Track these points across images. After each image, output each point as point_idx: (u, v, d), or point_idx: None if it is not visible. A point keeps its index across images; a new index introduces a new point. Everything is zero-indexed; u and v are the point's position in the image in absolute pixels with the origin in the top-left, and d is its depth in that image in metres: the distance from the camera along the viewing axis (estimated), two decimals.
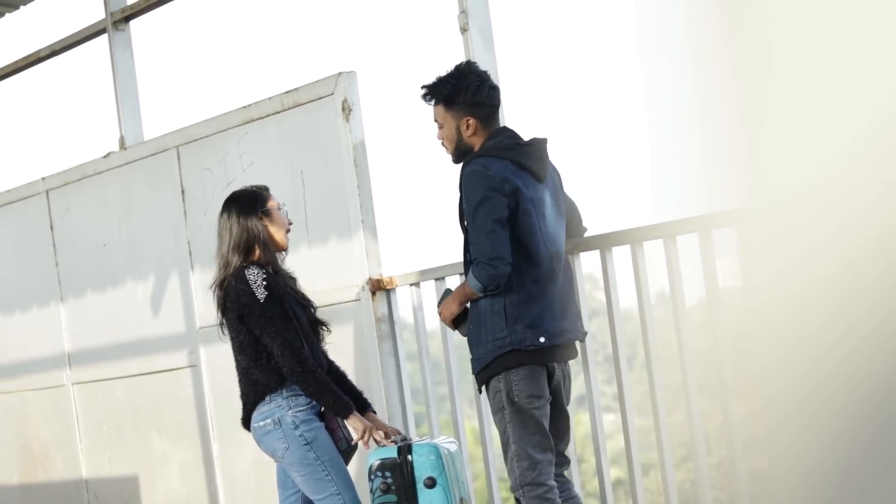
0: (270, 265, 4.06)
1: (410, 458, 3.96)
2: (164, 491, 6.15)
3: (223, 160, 5.57)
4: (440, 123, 3.97)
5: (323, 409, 4.02)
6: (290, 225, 4.18)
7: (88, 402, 6.52)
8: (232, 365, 4.14)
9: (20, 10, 7.22)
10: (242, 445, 5.46)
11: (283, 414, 3.98)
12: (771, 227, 1.20)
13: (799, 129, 1.16)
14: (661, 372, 4.19)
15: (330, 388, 3.96)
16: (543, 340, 3.78)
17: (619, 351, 4.29)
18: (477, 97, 3.89)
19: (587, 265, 4.45)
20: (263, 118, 5.37)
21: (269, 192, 4.18)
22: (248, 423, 4.08)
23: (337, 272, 5.11)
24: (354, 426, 4.01)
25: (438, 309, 4.05)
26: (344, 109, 4.99)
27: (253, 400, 4.03)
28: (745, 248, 1.23)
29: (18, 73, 7.20)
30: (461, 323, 3.97)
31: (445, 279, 4.78)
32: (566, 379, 3.96)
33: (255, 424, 4.03)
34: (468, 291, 3.84)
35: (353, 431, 4.06)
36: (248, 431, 4.12)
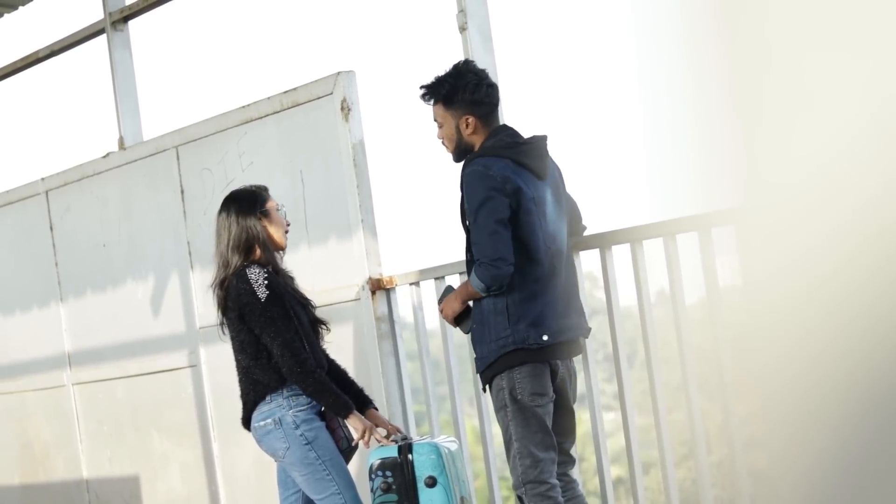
0: (271, 265, 4.06)
1: (411, 457, 3.96)
2: (164, 491, 6.15)
3: (222, 160, 5.56)
4: (440, 123, 3.97)
5: (323, 408, 4.02)
6: (288, 226, 4.18)
7: (89, 402, 6.52)
8: (232, 365, 4.14)
9: (19, 10, 7.22)
10: (243, 445, 5.46)
11: (283, 413, 3.98)
12: (770, 226, 1.20)
13: (796, 127, 1.16)
14: (661, 370, 4.19)
15: (329, 387, 3.96)
16: (546, 338, 3.78)
17: (619, 349, 4.29)
18: (475, 95, 3.89)
19: (587, 264, 4.46)
20: (262, 118, 5.36)
21: (268, 192, 4.18)
22: (248, 422, 4.08)
23: (337, 272, 5.11)
24: (354, 426, 4.01)
25: (440, 306, 4.04)
26: (343, 109, 4.98)
27: (253, 399, 4.03)
28: (744, 246, 1.23)
29: (17, 73, 7.19)
30: (463, 321, 3.97)
31: (445, 278, 4.77)
32: (571, 376, 3.96)
33: (255, 424, 4.03)
34: (471, 291, 3.84)
35: (353, 431, 4.05)
36: (248, 431, 4.12)
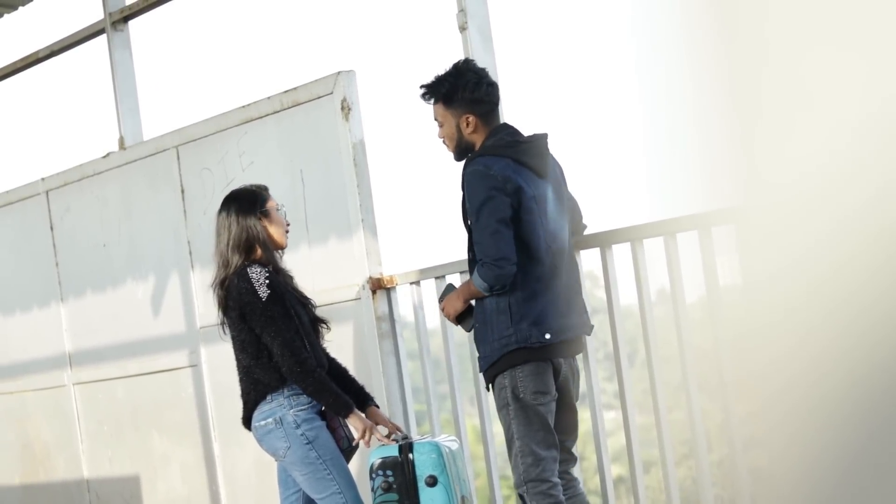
0: (271, 264, 4.06)
1: (412, 456, 3.96)
2: (165, 491, 6.15)
3: (222, 160, 5.56)
4: (440, 122, 3.97)
5: (324, 407, 4.02)
6: (288, 226, 4.18)
7: (89, 402, 6.52)
8: (232, 364, 4.14)
9: (19, 10, 7.22)
10: (243, 445, 5.46)
11: (284, 413, 3.98)
12: (771, 225, 1.20)
13: (795, 127, 1.16)
14: (661, 369, 4.19)
15: (329, 387, 3.96)
16: (549, 337, 3.78)
17: (619, 348, 4.29)
18: (475, 94, 3.89)
19: (587, 263, 4.46)
20: (263, 118, 5.36)
21: (268, 192, 4.18)
22: (248, 422, 4.07)
23: (337, 271, 5.11)
24: (354, 425, 4.01)
25: (441, 304, 4.04)
26: (343, 108, 4.98)
27: (254, 399, 4.02)
28: (744, 245, 1.23)
29: (17, 73, 7.20)
30: (464, 319, 3.97)
31: (446, 277, 4.77)
32: (574, 375, 3.96)
33: (256, 424, 4.03)
34: (473, 290, 3.84)
35: (353, 430, 4.05)
36: (248, 431, 4.12)
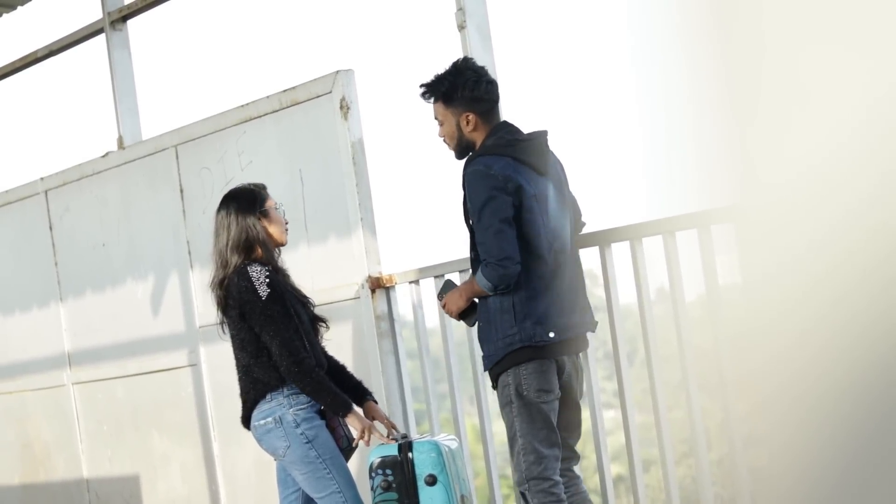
0: (271, 264, 4.05)
1: (411, 455, 3.96)
2: (165, 490, 6.15)
3: (222, 159, 5.56)
4: (440, 121, 3.97)
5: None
6: (286, 224, 4.18)
7: (89, 401, 6.52)
8: (232, 364, 4.13)
9: (17, 10, 7.22)
10: (243, 444, 5.46)
11: (284, 412, 3.97)
12: (769, 223, 1.20)
13: (793, 125, 1.16)
14: (661, 368, 4.19)
15: (327, 386, 3.96)
16: (552, 335, 3.79)
17: (619, 347, 4.29)
18: (475, 93, 3.89)
19: (587, 262, 4.45)
20: (261, 117, 5.36)
21: (266, 190, 4.17)
22: (247, 421, 4.07)
23: (336, 270, 5.10)
24: (353, 425, 4.01)
25: (441, 301, 4.04)
26: (342, 107, 4.98)
27: (253, 398, 4.02)
28: (744, 244, 1.23)
29: (16, 73, 7.19)
30: (467, 315, 3.97)
31: (445, 276, 4.77)
32: (578, 372, 3.96)
33: (255, 423, 4.03)
34: (477, 289, 3.84)
35: (352, 430, 4.05)
36: (247, 430, 4.11)
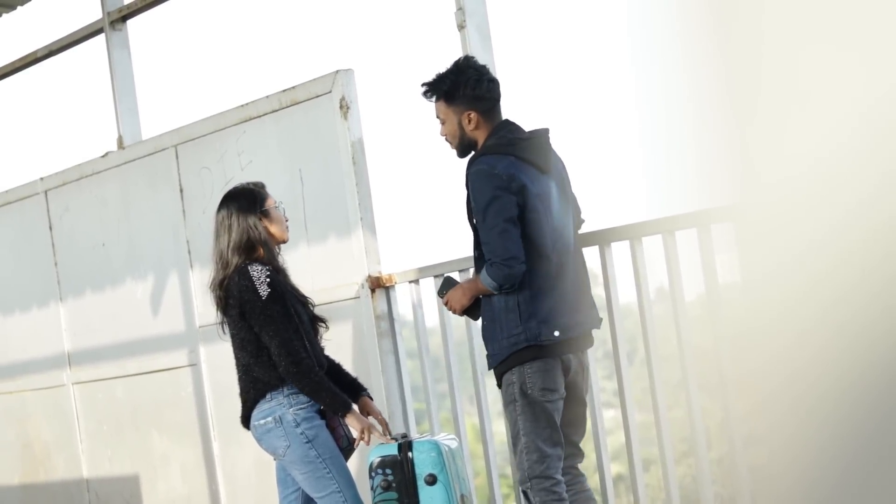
0: (272, 264, 4.05)
1: (411, 454, 3.96)
2: (165, 490, 6.15)
3: (221, 159, 5.56)
4: (442, 119, 3.97)
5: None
6: (286, 221, 4.18)
7: (89, 401, 6.52)
8: (232, 363, 4.13)
9: (17, 10, 7.22)
10: (243, 444, 5.46)
11: (284, 412, 3.97)
12: (769, 222, 1.20)
13: (792, 124, 1.16)
14: (661, 367, 4.19)
15: (326, 386, 3.95)
16: (557, 334, 3.78)
17: (619, 347, 4.29)
18: (477, 91, 3.89)
19: (587, 261, 4.45)
20: (261, 116, 5.36)
21: (265, 189, 4.17)
22: (247, 421, 4.07)
23: (336, 270, 5.11)
24: (353, 425, 4.01)
25: (444, 298, 4.03)
26: (342, 107, 4.98)
27: (253, 398, 4.02)
28: (743, 243, 1.23)
29: (16, 73, 7.19)
30: (470, 311, 3.97)
31: (444, 276, 4.77)
32: (584, 369, 3.96)
33: (255, 422, 4.03)
34: (481, 288, 3.84)
35: (352, 430, 4.05)
36: (247, 430, 4.11)
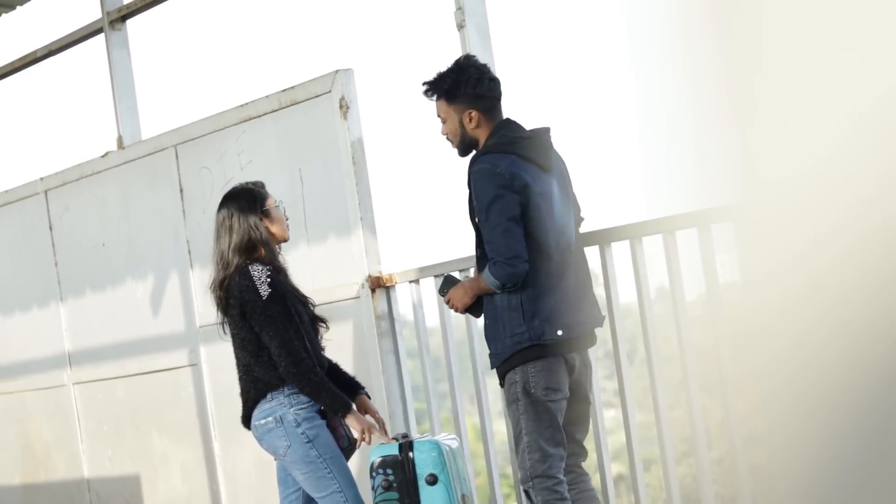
0: (272, 264, 4.05)
1: (412, 454, 3.96)
2: (165, 490, 6.15)
3: (221, 159, 5.56)
4: (443, 118, 3.96)
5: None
6: (287, 220, 4.18)
7: (89, 401, 6.51)
8: (232, 363, 4.13)
9: (16, 10, 7.22)
10: (244, 444, 5.46)
11: (284, 412, 3.97)
12: (769, 222, 1.19)
13: (791, 124, 1.16)
14: (661, 367, 4.19)
15: (326, 387, 3.95)
16: (560, 333, 3.78)
17: (619, 346, 4.29)
18: (478, 89, 3.89)
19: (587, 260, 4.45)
20: (261, 116, 5.36)
21: (265, 188, 4.17)
22: (248, 421, 4.07)
23: (336, 270, 5.10)
24: (353, 425, 4.01)
25: (445, 297, 4.02)
26: (341, 107, 4.98)
27: (254, 397, 4.02)
28: (743, 243, 1.23)
29: (15, 73, 7.19)
30: (472, 308, 3.96)
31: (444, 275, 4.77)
32: (588, 368, 3.96)
33: (256, 422, 4.03)
34: (484, 287, 3.83)
35: (352, 431, 4.05)
36: (248, 430, 4.11)
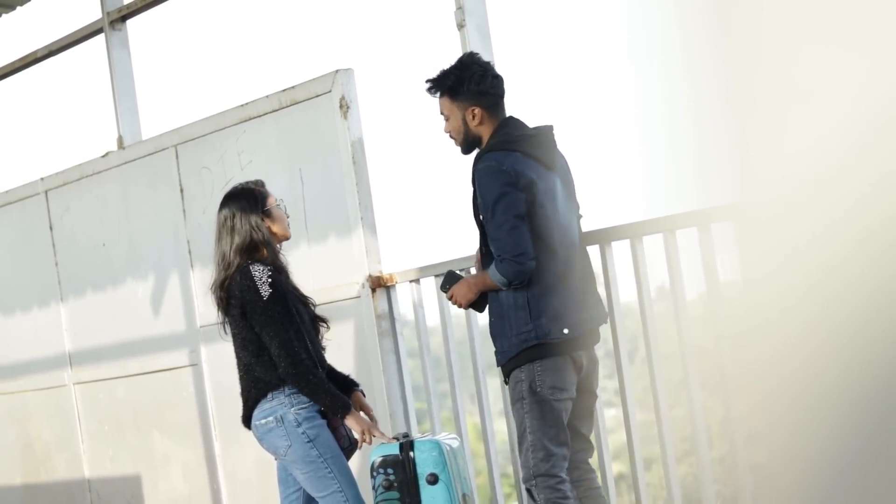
0: (273, 264, 4.05)
1: (412, 454, 3.96)
2: (166, 490, 6.15)
3: (221, 159, 5.56)
4: (446, 115, 3.96)
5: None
6: (287, 219, 4.18)
7: (90, 401, 6.52)
8: (233, 363, 4.13)
9: (17, 10, 7.22)
10: (244, 444, 5.46)
11: (285, 411, 3.97)
12: (769, 221, 1.19)
13: (791, 123, 1.16)
14: (662, 366, 4.19)
15: (325, 388, 3.95)
16: (567, 332, 3.78)
17: (619, 346, 4.29)
18: (481, 86, 3.89)
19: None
20: (261, 116, 5.36)
21: (265, 187, 4.17)
22: (248, 420, 4.07)
23: (337, 270, 5.10)
24: (353, 426, 4.01)
25: (448, 293, 4.01)
26: (342, 107, 4.98)
27: (255, 397, 4.02)
28: (743, 242, 1.23)
29: (16, 73, 7.19)
30: (476, 304, 3.95)
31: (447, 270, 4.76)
32: (595, 364, 3.97)
33: (256, 422, 4.03)
34: (490, 284, 3.83)
35: (352, 431, 4.05)
36: (248, 430, 4.11)
